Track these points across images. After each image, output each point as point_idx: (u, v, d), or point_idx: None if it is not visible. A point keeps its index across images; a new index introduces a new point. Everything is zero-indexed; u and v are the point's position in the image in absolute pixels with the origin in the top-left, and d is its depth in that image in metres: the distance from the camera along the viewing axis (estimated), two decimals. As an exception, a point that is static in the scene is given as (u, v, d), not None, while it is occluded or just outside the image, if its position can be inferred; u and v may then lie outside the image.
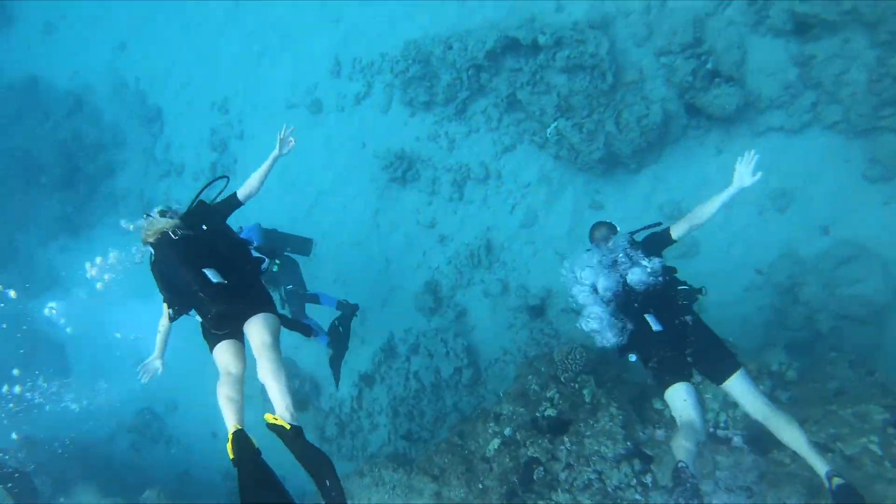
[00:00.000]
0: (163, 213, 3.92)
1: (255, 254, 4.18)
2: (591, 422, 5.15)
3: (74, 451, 9.88)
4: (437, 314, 8.47)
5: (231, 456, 2.95)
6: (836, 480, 3.18)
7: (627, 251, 4.12)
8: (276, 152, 4.37)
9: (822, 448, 4.19)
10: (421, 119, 8.86)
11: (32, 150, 11.99)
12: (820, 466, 3.30)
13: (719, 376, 3.76)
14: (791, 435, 3.45)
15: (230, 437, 3.05)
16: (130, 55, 11.80)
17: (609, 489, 4.71)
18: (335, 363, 7.19)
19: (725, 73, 7.14)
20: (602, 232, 4.44)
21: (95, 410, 10.38)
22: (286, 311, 6.99)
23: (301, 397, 9.05)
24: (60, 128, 11.82)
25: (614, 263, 4.12)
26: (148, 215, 3.91)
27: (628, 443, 4.91)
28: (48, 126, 11.99)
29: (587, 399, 5.40)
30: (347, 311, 7.02)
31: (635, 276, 3.98)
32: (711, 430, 4.90)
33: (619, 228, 4.46)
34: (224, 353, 3.67)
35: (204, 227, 3.93)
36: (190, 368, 6.80)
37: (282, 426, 3.09)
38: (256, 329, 3.68)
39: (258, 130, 10.24)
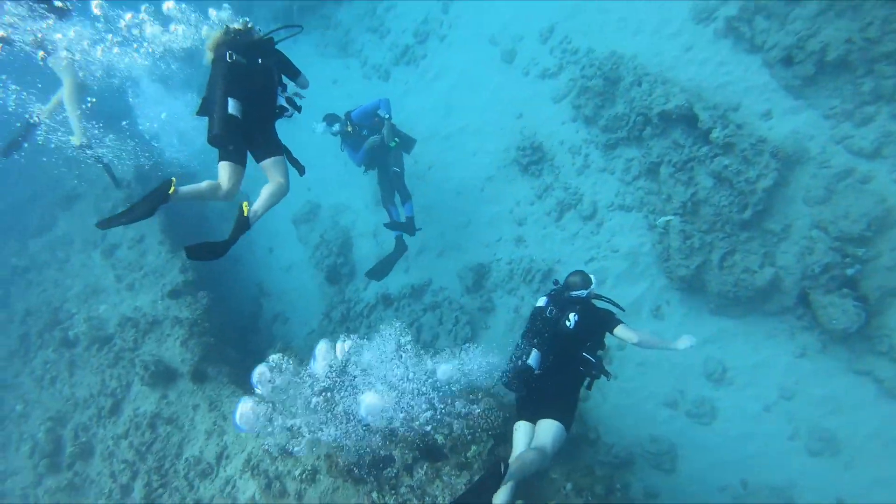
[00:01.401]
0: (227, 32, 4.54)
1: (283, 102, 4.82)
2: (454, 473, 5.51)
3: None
4: (469, 294, 8.86)
5: None
6: None
7: (579, 301, 4.66)
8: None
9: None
10: (575, 128, 8.64)
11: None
12: None
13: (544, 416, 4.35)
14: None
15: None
16: None
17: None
18: (392, 259, 8.54)
19: (864, 290, 6.19)
20: (577, 279, 4.83)
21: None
22: (384, 189, 8.32)
23: (337, 273, 10.17)
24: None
25: (562, 301, 4.69)
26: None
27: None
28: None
29: (468, 454, 5.69)
30: (406, 228, 8.15)
31: (562, 317, 4.55)
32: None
33: (593, 283, 4.82)
34: (224, 169, 4.55)
35: (259, 62, 4.54)
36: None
37: (243, 212, 4.26)
38: (271, 166, 4.69)
39: (457, 43, 10.51)
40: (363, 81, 11.68)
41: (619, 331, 4.55)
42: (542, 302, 4.83)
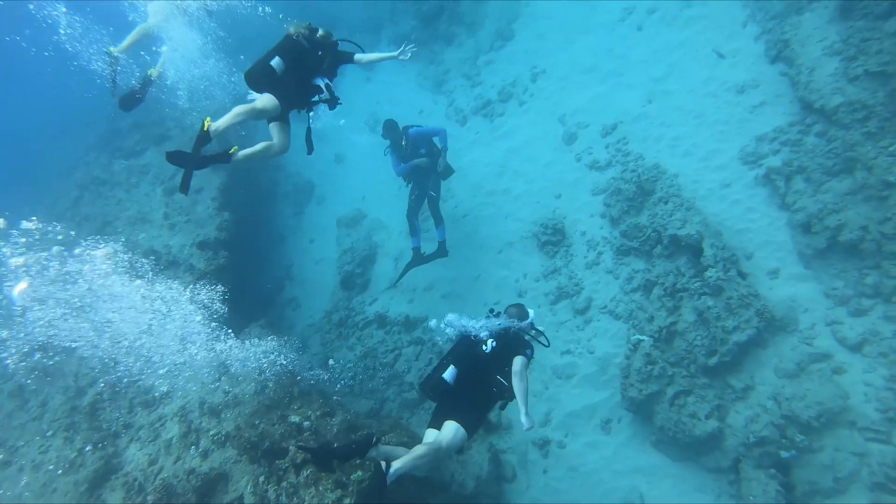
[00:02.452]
0: (308, 26, 5.81)
1: (322, 83, 5.92)
2: (329, 487, 5.86)
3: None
4: (449, 344, 9.21)
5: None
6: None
7: (511, 329, 5.18)
8: (394, 55, 6.18)
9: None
10: (599, 224, 8.86)
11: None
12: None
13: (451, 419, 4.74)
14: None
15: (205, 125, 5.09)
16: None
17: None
18: (406, 269, 9.31)
19: (793, 479, 6.02)
20: (514, 310, 5.42)
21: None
22: (412, 203, 9.08)
23: (352, 281, 10.91)
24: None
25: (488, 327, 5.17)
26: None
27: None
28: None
29: (351, 477, 5.97)
30: (439, 253, 8.89)
31: (482, 342, 5.07)
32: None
33: (531, 315, 5.40)
34: (274, 130, 5.72)
35: (318, 52, 5.75)
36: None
37: (204, 126, 5.11)
38: (277, 127, 5.68)
39: (531, 112, 11.01)
40: (443, 119, 12.44)
41: (516, 362, 4.95)
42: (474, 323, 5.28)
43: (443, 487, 7.66)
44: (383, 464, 4.30)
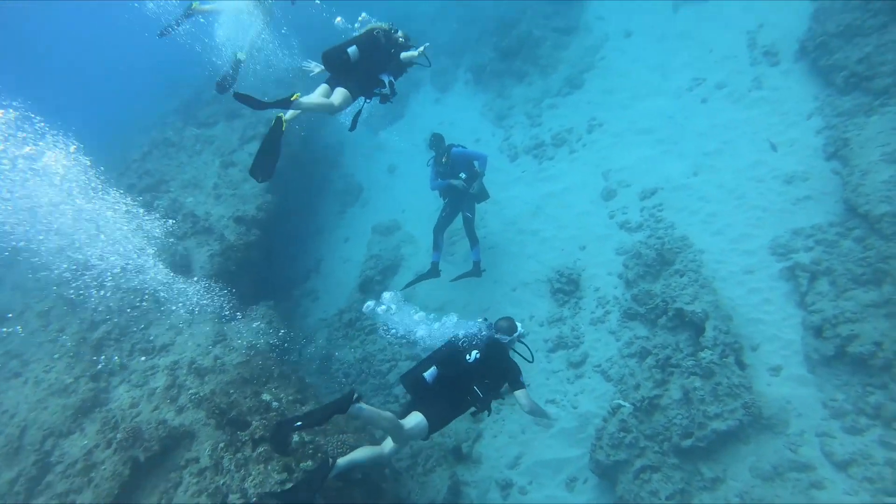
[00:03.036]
0: (391, 26, 6.45)
1: (386, 79, 6.45)
2: (276, 469, 5.94)
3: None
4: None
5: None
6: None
7: (493, 343, 5.35)
8: (416, 54, 6.48)
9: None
10: (614, 284, 8.73)
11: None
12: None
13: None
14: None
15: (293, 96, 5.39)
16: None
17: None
18: (418, 279, 9.61)
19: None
20: (504, 324, 5.56)
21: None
22: (442, 219, 9.48)
23: (370, 287, 11.14)
24: None
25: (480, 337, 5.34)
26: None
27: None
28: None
29: (300, 465, 6.06)
30: (473, 272, 9.18)
31: (467, 351, 5.20)
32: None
33: (517, 332, 5.56)
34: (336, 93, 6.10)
35: (391, 49, 6.34)
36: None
37: (281, 120, 5.49)
38: (339, 93, 5.99)
39: (579, 162, 11.03)
40: (496, 152, 12.62)
41: (518, 394, 5.25)
42: (461, 332, 5.43)
43: (397, 502, 7.64)
44: (331, 460, 4.60)
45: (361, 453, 5.03)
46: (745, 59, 10.32)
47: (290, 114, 5.87)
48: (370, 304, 5.91)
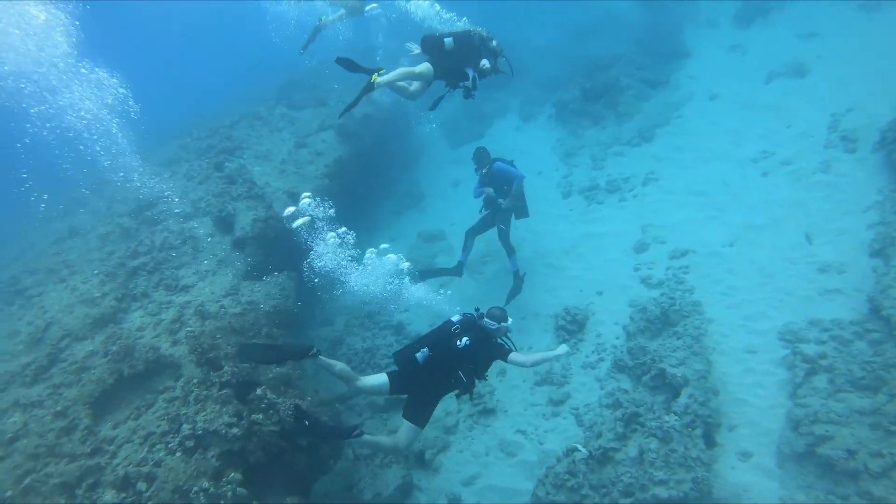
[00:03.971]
0: (487, 32, 7.44)
1: (471, 74, 7.36)
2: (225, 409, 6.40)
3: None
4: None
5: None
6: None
7: (484, 330, 5.82)
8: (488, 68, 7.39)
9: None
10: (616, 333, 8.58)
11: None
12: None
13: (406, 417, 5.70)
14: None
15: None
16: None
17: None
18: (434, 272, 10.42)
19: None
20: (496, 312, 5.99)
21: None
22: (477, 224, 10.04)
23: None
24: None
25: (470, 324, 5.83)
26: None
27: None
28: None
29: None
30: (515, 289, 9.61)
31: (458, 337, 5.67)
32: None
33: (508, 322, 6.01)
34: (423, 65, 7.19)
35: (480, 47, 7.29)
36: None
37: (372, 80, 6.56)
38: (424, 67, 7.14)
39: (626, 210, 10.89)
40: (554, 187, 12.72)
41: (513, 356, 5.76)
42: (456, 317, 5.92)
43: (346, 487, 7.91)
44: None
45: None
46: (820, 140, 9.81)
47: (383, 79, 6.73)
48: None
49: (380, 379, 5.70)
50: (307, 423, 5.38)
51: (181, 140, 14.29)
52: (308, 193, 8.71)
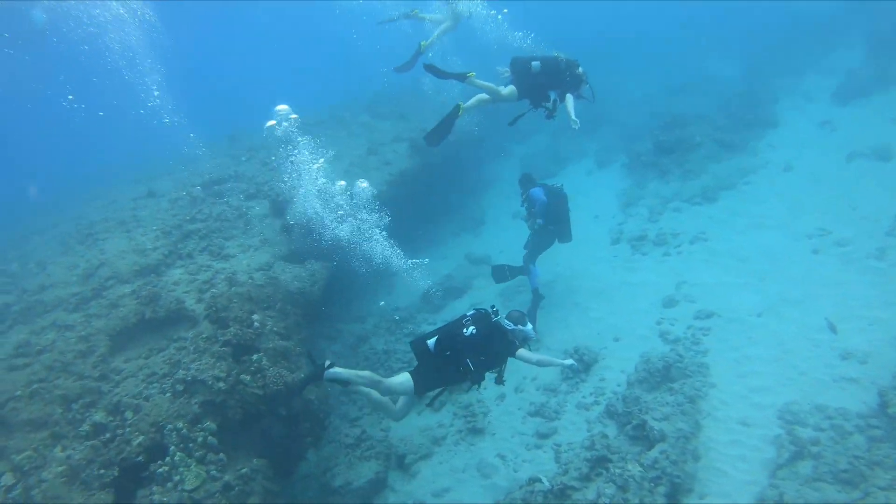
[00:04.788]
0: (574, 60, 7.90)
1: (552, 96, 8.03)
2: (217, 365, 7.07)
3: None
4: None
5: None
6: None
7: (497, 326, 6.04)
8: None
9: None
10: (618, 381, 8.46)
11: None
12: None
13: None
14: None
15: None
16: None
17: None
18: (514, 270, 10.68)
19: None
20: (515, 314, 6.26)
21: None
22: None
23: (430, 300, 11.91)
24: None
25: (482, 319, 6.05)
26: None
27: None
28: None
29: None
30: (535, 303, 9.99)
31: (466, 327, 5.95)
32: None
33: (526, 327, 6.20)
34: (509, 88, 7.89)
35: (567, 74, 7.83)
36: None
37: (459, 107, 7.52)
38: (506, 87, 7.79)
39: (665, 264, 10.70)
40: (606, 232, 12.68)
41: (521, 352, 5.98)
42: (470, 311, 6.19)
43: (323, 470, 8.31)
44: (328, 362, 5.46)
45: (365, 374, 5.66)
46: (883, 226, 9.25)
47: (468, 103, 7.43)
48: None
49: (403, 376, 5.80)
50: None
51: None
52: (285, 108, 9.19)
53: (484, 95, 7.76)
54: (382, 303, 12.49)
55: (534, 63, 7.65)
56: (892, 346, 7.24)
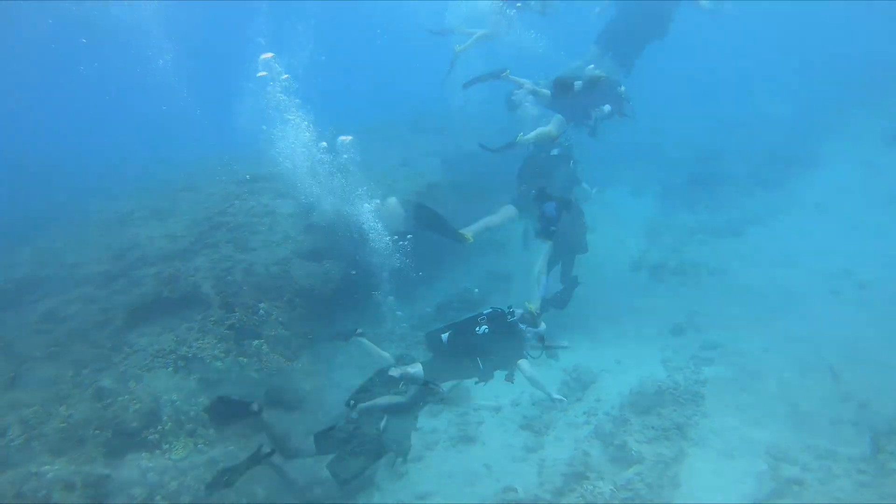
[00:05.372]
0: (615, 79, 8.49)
1: (593, 115, 8.44)
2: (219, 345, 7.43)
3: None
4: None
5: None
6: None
7: (510, 326, 6.32)
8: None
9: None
10: (615, 402, 8.38)
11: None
12: None
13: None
14: None
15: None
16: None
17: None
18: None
19: None
20: (529, 316, 6.48)
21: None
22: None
23: (447, 313, 12.08)
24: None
25: (498, 319, 6.31)
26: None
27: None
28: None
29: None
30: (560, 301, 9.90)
31: (479, 325, 6.24)
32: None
33: (540, 328, 6.47)
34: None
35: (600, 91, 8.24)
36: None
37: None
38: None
39: (686, 286, 10.56)
40: (627, 259, 12.57)
41: (521, 362, 6.22)
42: (487, 310, 6.44)
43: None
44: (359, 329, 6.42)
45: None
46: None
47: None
48: None
49: (415, 367, 6.12)
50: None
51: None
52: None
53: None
54: (399, 313, 12.68)
55: (576, 83, 7.78)
56: (894, 392, 6.95)
